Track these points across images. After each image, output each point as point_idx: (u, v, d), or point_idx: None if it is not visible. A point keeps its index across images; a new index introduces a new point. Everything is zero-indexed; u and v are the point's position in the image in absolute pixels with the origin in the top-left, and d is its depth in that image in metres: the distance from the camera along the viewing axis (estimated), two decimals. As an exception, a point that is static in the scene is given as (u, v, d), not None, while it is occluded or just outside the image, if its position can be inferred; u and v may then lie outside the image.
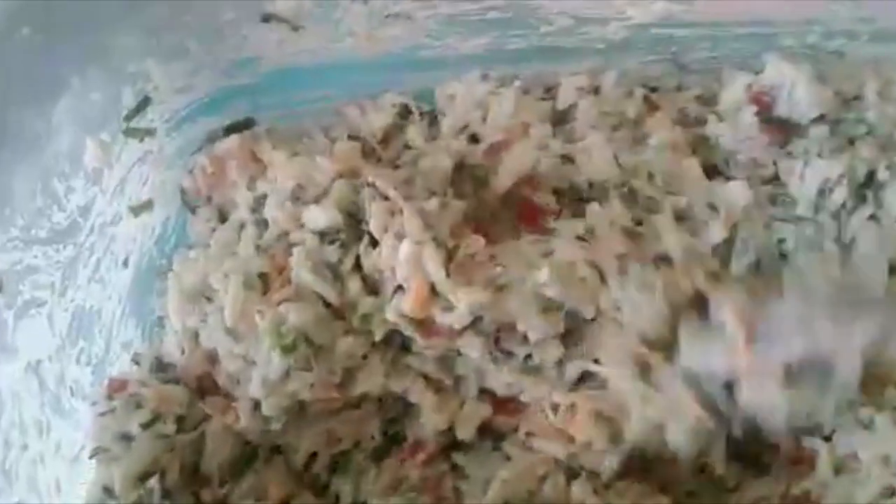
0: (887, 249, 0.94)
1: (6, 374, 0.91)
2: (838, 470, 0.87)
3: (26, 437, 0.92)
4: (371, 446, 0.97)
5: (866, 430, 0.87)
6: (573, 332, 0.92)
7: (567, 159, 1.01)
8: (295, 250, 0.93)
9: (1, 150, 0.89)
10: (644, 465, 0.93)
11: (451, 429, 0.95)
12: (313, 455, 0.97)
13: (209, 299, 0.96)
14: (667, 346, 0.90)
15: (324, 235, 0.94)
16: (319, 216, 0.94)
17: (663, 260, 0.94)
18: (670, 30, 1.06)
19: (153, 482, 0.89)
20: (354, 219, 0.94)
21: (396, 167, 1.04)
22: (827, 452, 0.88)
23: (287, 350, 0.89)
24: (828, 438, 0.89)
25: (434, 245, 0.89)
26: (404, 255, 0.88)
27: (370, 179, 0.97)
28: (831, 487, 0.87)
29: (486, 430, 0.96)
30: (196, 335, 0.97)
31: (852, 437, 0.88)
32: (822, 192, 0.96)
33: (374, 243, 0.93)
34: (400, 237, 0.90)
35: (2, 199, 0.90)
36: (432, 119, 1.08)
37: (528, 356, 0.91)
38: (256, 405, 0.93)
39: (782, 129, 1.03)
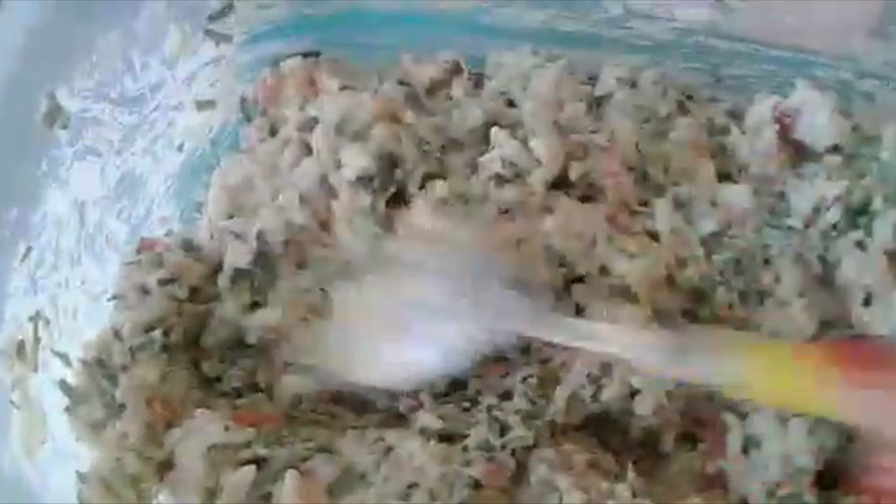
0: (867, 276, 0.99)
1: (55, 199, 1.00)
2: (746, 449, 0.93)
3: (59, 260, 1.01)
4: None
5: (781, 425, 0.92)
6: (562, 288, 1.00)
7: (593, 138, 1.09)
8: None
9: (96, 9, 1.00)
10: (599, 425, 1.00)
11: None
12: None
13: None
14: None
15: (360, 179, 1.02)
16: (358, 159, 1.02)
17: (652, 236, 1.02)
18: (713, 40, 1.13)
19: (157, 334, 0.98)
20: (391, 164, 1.03)
21: (433, 115, 1.12)
22: (738, 427, 0.94)
23: None
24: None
25: None
26: None
27: (408, 121, 1.06)
28: (737, 467, 0.92)
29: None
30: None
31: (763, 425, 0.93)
32: (817, 210, 1.01)
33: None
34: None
35: (88, 51, 1.00)
36: (478, 81, 1.17)
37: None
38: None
39: (798, 152, 1.09)
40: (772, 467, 0.91)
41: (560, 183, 1.05)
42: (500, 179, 1.03)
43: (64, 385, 0.97)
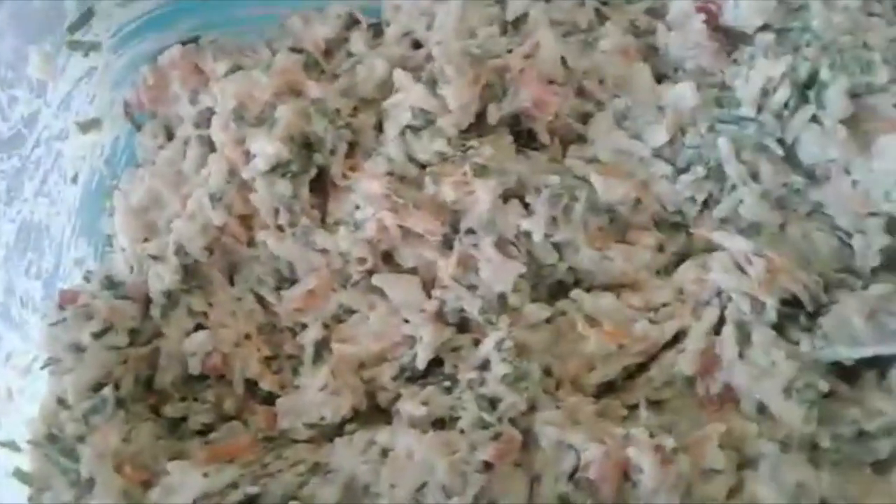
0: (829, 150, 0.95)
1: (-48, 279, 0.91)
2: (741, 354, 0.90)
3: (-26, 345, 0.92)
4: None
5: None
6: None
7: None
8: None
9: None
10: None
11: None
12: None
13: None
14: None
15: (275, 169, 0.95)
16: (267, 147, 0.94)
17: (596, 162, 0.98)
18: (619, -62, 1.06)
19: (107, 391, 0.90)
20: (305, 147, 0.96)
21: (337, 77, 1.04)
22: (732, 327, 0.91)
23: None
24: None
25: None
26: None
27: (314, 96, 0.98)
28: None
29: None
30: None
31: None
32: (766, 92, 0.96)
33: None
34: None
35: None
36: (377, 30, 1.08)
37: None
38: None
39: (729, 38, 1.04)
40: (780, 363, 0.88)
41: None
42: (413, 129, 0.96)
43: (20, 473, 0.88)
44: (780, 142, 0.97)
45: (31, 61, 0.96)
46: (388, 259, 0.97)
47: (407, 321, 0.93)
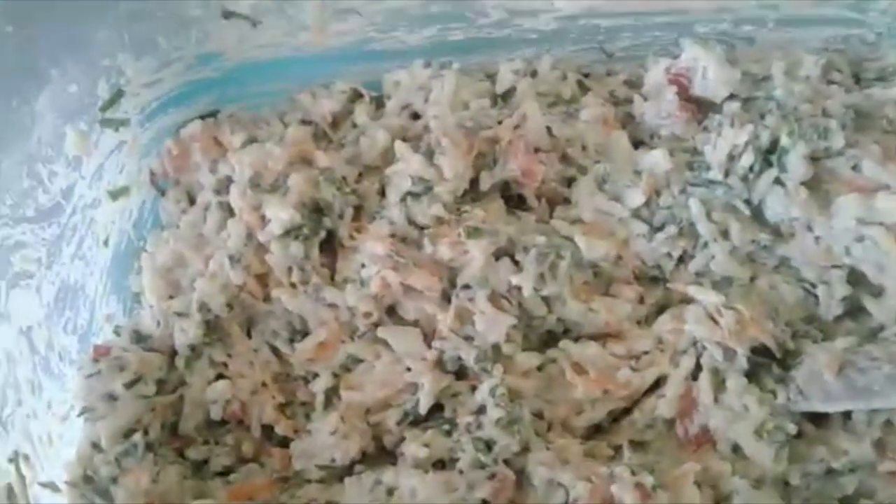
0: (792, 209, 1.04)
1: (1, 336, 0.99)
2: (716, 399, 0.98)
3: (20, 394, 0.99)
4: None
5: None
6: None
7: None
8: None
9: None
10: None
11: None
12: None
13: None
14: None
15: (288, 232, 1.04)
16: (281, 213, 1.04)
17: (579, 222, 1.07)
18: (597, 20, 1.17)
19: (137, 437, 0.98)
20: (315, 212, 1.06)
21: (343, 146, 1.15)
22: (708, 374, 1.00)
23: None
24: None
25: None
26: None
27: (323, 165, 1.08)
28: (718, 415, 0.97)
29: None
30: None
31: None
32: (732, 158, 1.06)
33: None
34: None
35: (-7, 180, 0.98)
36: (379, 103, 1.19)
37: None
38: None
39: (700, 107, 1.14)
40: (752, 407, 0.96)
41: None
42: (413, 195, 1.06)
43: (58, 512, 0.95)
44: (747, 202, 1.06)
45: (68, 139, 1.05)
46: (391, 312, 1.05)
47: (409, 369, 1.01)
